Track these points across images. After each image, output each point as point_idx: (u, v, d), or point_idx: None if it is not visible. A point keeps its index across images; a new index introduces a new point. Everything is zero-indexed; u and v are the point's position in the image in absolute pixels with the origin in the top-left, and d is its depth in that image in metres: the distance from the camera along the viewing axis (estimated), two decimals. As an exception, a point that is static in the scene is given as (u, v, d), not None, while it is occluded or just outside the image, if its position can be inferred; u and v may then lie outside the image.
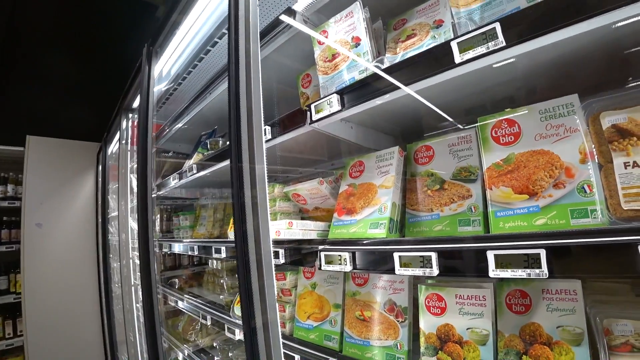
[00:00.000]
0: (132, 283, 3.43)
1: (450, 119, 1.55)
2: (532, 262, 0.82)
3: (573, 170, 0.95)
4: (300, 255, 1.34)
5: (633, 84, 1.12)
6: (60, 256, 4.52)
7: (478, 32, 0.90)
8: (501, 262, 0.86)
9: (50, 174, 4.57)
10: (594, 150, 0.93)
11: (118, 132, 3.78)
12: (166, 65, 2.65)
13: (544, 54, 0.99)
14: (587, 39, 0.92)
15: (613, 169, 0.89)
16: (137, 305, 3.33)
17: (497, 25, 0.87)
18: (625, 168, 0.88)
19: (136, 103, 3.39)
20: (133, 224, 3.41)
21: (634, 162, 0.88)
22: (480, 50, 0.89)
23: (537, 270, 0.81)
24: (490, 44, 0.88)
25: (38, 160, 4.47)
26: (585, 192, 0.92)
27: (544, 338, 1.00)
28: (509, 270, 0.85)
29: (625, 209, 0.86)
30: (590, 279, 1.09)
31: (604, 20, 0.77)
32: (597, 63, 1.15)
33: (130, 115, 3.66)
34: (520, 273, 0.83)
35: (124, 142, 3.56)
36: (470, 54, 0.90)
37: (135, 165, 2.63)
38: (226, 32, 1.47)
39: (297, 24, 1.54)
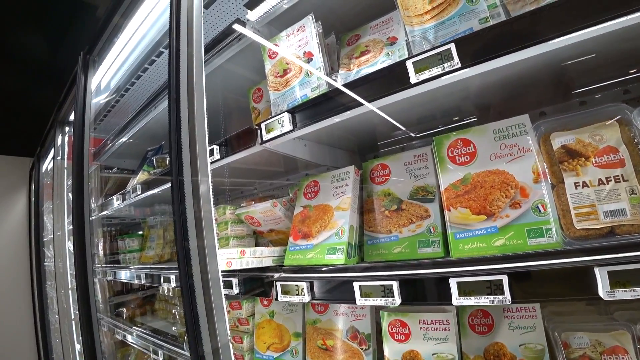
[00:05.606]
0: (73, 315, 3.09)
1: (407, 133, 1.55)
2: (494, 288, 0.80)
3: (527, 189, 0.96)
4: (254, 285, 1.24)
5: (577, 102, 1.16)
6: (-14, 286, 4.01)
7: (433, 52, 0.88)
8: (464, 290, 0.83)
9: (-26, 193, 4.06)
10: (547, 170, 0.94)
11: (53, 147, 3.43)
12: (106, 75, 2.44)
13: (496, 74, 0.99)
14: (536, 61, 0.94)
15: (565, 189, 0.90)
16: (80, 338, 3.00)
17: (452, 46, 0.85)
18: (576, 188, 0.89)
19: (72, 116, 3.09)
20: (72, 248, 3.09)
21: (584, 182, 0.89)
22: (436, 70, 0.87)
23: (500, 297, 0.79)
24: (446, 64, 0.86)
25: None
26: (540, 211, 0.93)
27: (508, 357, 0.99)
28: (472, 297, 0.82)
29: (577, 228, 0.86)
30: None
31: (552, 46, 0.78)
32: (544, 84, 1.19)
33: (67, 128, 3.34)
34: (483, 300, 0.80)
35: (59, 158, 3.23)
36: (426, 75, 0.88)
37: (72, 184, 2.37)
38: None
39: (250, 34, 1.46)
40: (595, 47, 0.94)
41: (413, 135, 1.59)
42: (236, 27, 1.51)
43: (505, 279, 0.78)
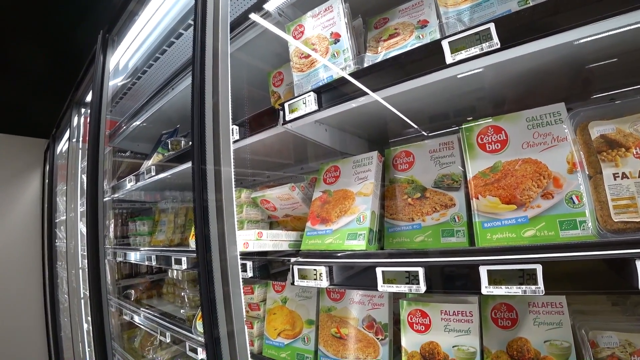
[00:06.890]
0: (82, 295, 3.12)
1: (428, 125, 1.51)
2: (527, 278, 0.77)
3: (561, 180, 0.92)
4: (270, 268, 1.22)
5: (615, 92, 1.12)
6: (-2, 264, 4.06)
7: (471, 32, 0.84)
8: (494, 278, 0.80)
9: (-10, 172, 4.11)
10: (583, 160, 0.90)
11: (69, 129, 3.45)
12: (124, 56, 2.43)
13: (531, 61, 0.95)
14: (578, 47, 0.90)
15: (602, 180, 0.86)
16: (88, 318, 3.03)
17: (492, 25, 0.81)
18: (615, 179, 0.85)
19: (89, 97, 3.10)
20: (84, 230, 3.11)
21: (623, 173, 0.85)
22: (474, 51, 0.83)
23: (534, 287, 0.76)
24: (484, 44, 0.82)
25: (-24, 157, 4.01)
26: (574, 202, 0.89)
27: (532, 354, 0.96)
28: (503, 286, 0.78)
29: (615, 220, 0.83)
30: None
31: (600, 28, 0.74)
32: (572, 78, 1.14)
33: (83, 110, 3.35)
34: (515, 290, 0.77)
35: (74, 140, 3.25)
36: (463, 55, 0.84)
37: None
38: (192, 23, 1.33)
39: (264, 23, 1.42)
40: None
41: (426, 134, 1.56)
42: (252, 16, 1.48)
43: (539, 268, 0.75)
